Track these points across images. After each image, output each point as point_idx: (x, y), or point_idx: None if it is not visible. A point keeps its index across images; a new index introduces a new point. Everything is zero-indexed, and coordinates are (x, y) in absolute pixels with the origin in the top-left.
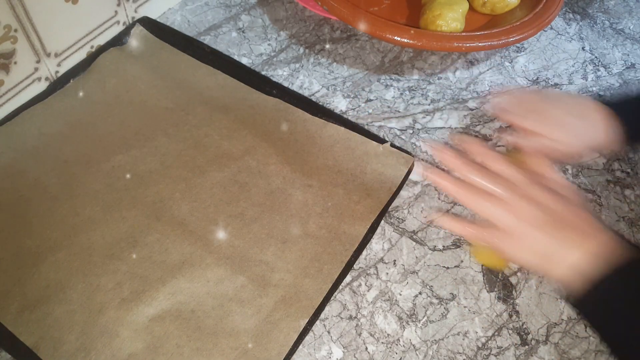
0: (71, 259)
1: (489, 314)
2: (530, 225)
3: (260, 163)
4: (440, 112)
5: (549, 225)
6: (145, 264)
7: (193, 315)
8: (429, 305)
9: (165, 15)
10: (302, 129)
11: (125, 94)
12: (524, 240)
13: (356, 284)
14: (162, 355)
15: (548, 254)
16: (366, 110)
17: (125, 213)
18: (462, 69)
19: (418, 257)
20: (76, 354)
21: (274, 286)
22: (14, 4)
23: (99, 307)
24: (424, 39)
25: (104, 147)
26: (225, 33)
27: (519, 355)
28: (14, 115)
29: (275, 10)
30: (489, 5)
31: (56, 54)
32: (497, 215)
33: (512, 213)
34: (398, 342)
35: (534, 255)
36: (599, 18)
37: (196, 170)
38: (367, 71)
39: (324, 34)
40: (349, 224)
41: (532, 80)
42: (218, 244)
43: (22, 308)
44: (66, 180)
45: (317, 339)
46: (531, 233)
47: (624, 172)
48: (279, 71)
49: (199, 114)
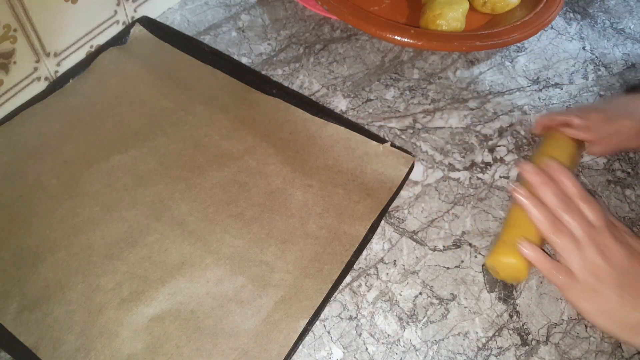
0: (71, 259)
1: (490, 315)
2: (598, 279)
3: (260, 163)
4: (440, 112)
5: (617, 284)
6: (144, 264)
7: (193, 315)
8: (430, 305)
9: (164, 14)
10: (302, 128)
11: (125, 94)
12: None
13: (356, 284)
14: (162, 356)
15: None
16: (366, 110)
17: (125, 213)
18: (462, 68)
19: (418, 257)
20: (76, 354)
21: (274, 286)
22: (14, 4)
23: (98, 308)
24: (424, 39)
25: (103, 146)
26: (225, 33)
27: (520, 355)
28: (14, 115)
29: (275, 9)
30: (489, 5)
31: (55, 53)
32: (572, 257)
33: (583, 260)
34: (398, 342)
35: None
36: (600, 18)
37: (196, 170)
38: (367, 71)
39: (324, 34)
40: (349, 224)
41: (533, 80)
42: (218, 244)
43: (21, 308)
44: (66, 180)
45: (317, 340)
46: (599, 287)
47: (625, 172)
48: (278, 71)
49: (198, 114)
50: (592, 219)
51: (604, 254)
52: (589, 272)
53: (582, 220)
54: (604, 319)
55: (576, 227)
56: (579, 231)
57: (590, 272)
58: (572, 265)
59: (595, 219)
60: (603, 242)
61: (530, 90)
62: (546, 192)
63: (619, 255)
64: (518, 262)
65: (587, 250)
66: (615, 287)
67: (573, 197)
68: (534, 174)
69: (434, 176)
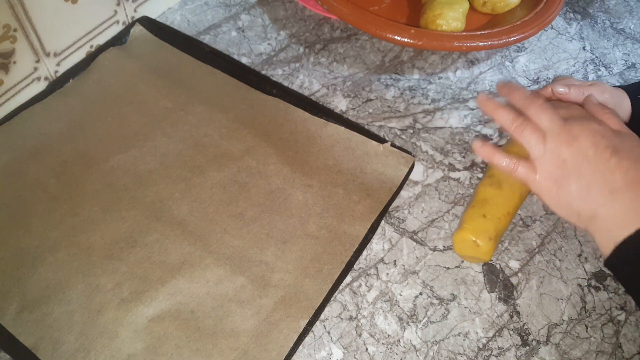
0: (70, 259)
1: (490, 315)
2: (560, 167)
3: (260, 163)
4: (440, 112)
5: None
6: (144, 265)
7: (193, 315)
8: (430, 305)
9: (164, 14)
10: (302, 128)
11: (125, 94)
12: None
13: (356, 285)
14: (162, 356)
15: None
16: (366, 110)
17: (125, 213)
18: (462, 68)
19: (418, 257)
20: (75, 355)
21: (274, 286)
22: (14, 4)
23: (98, 308)
24: (425, 39)
25: (103, 147)
26: (225, 32)
27: (520, 355)
28: (14, 115)
29: (275, 9)
30: (489, 5)
31: (55, 53)
32: (531, 143)
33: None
34: (398, 342)
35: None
36: (600, 18)
37: (196, 170)
38: (368, 71)
39: (324, 34)
40: (349, 224)
41: (533, 80)
42: (218, 244)
43: (21, 308)
44: (65, 180)
45: (317, 340)
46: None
47: None
48: (278, 71)
49: (198, 114)
50: (564, 113)
51: (569, 144)
52: (552, 162)
53: (551, 113)
54: (564, 211)
55: (543, 121)
56: (546, 123)
57: (553, 163)
58: (535, 158)
59: (568, 114)
60: (570, 132)
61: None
62: (514, 95)
63: (587, 146)
64: (480, 240)
65: (551, 141)
66: (576, 178)
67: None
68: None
69: (434, 176)
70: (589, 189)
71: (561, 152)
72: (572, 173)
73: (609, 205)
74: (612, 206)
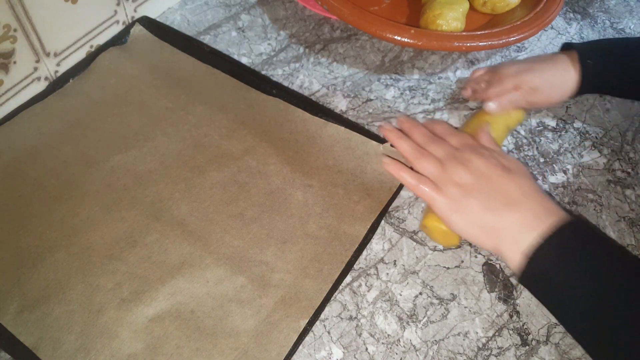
0: (70, 259)
1: (490, 315)
2: (460, 187)
3: (260, 163)
4: (440, 112)
5: (477, 190)
6: (144, 265)
7: (193, 315)
8: (430, 305)
9: (164, 14)
10: (302, 128)
11: (125, 94)
12: (455, 202)
13: (356, 285)
14: (162, 356)
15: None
16: (366, 110)
17: (125, 213)
18: (462, 68)
19: (418, 257)
20: (75, 354)
21: (274, 286)
22: (14, 4)
23: (98, 308)
24: (424, 39)
25: (103, 147)
26: (225, 32)
27: (520, 355)
28: (14, 115)
29: (275, 9)
30: (489, 5)
31: (55, 53)
32: (435, 174)
33: (445, 173)
34: (398, 342)
35: (464, 221)
36: (600, 18)
37: (196, 170)
38: (368, 71)
39: (324, 34)
40: (349, 224)
41: None
42: (218, 244)
43: (21, 308)
44: (65, 180)
45: (317, 340)
46: (461, 196)
47: (625, 172)
48: (278, 71)
49: (198, 114)
50: (456, 143)
51: (464, 165)
52: (451, 183)
53: (446, 146)
54: (469, 229)
55: (439, 151)
56: (442, 153)
57: (452, 183)
58: (436, 180)
59: (460, 144)
60: (463, 156)
61: None
62: (414, 133)
63: (480, 165)
64: (443, 226)
65: (448, 165)
66: (476, 194)
67: (441, 134)
68: (400, 124)
69: None
70: (488, 201)
71: (459, 173)
72: (471, 190)
73: (508, 214)
74: (512, 215)
